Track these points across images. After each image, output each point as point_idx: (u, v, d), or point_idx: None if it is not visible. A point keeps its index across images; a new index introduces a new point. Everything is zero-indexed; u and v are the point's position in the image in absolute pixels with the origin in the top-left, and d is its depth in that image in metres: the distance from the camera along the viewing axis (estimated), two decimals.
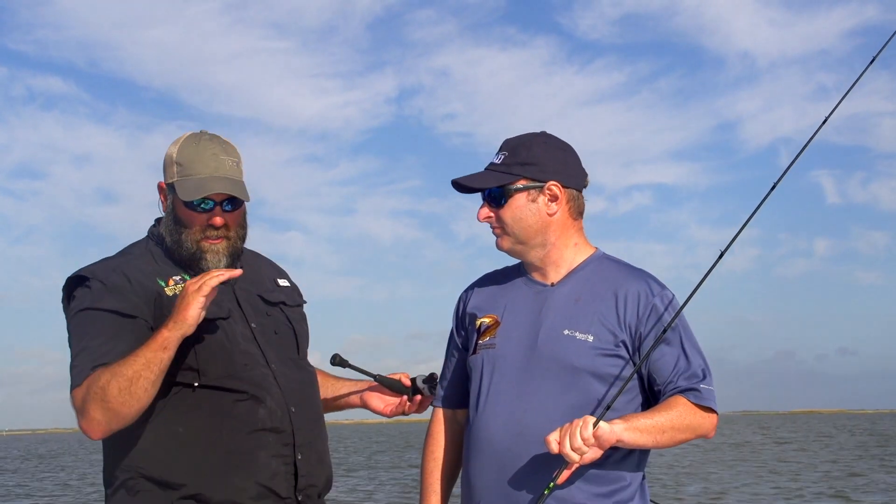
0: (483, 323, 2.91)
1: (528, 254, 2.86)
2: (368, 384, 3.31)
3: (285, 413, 2.85)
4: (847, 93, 3.04)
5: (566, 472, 2.61)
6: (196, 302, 2.63)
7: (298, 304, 3.16)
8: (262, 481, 2.79)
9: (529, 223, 2.81)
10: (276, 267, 3.22)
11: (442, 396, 3.04)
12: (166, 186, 2.93)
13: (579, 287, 2.83)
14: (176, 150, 2.91)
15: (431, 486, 2.99)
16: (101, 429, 2.69)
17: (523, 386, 2.77)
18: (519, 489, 2.71)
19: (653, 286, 2.80)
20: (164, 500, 2.77)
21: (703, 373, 2.74)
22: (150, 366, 2.61)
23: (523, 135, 2.89)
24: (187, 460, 2.77)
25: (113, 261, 2.91)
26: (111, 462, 2.88)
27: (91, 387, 2.64)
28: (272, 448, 2.82)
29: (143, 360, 2.61)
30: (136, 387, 2.61)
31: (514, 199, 2.81)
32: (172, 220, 2.90)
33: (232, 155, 2.94)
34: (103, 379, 2.62)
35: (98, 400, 2.62)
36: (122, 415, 2.64)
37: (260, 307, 2.99)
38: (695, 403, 2.69)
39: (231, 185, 2.87)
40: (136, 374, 2.60)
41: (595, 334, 2.74)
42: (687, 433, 2.69)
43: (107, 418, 2.65)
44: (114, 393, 2.60)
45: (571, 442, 2.53)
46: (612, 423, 2.57)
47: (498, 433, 2.76)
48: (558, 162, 2.84)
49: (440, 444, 3.01)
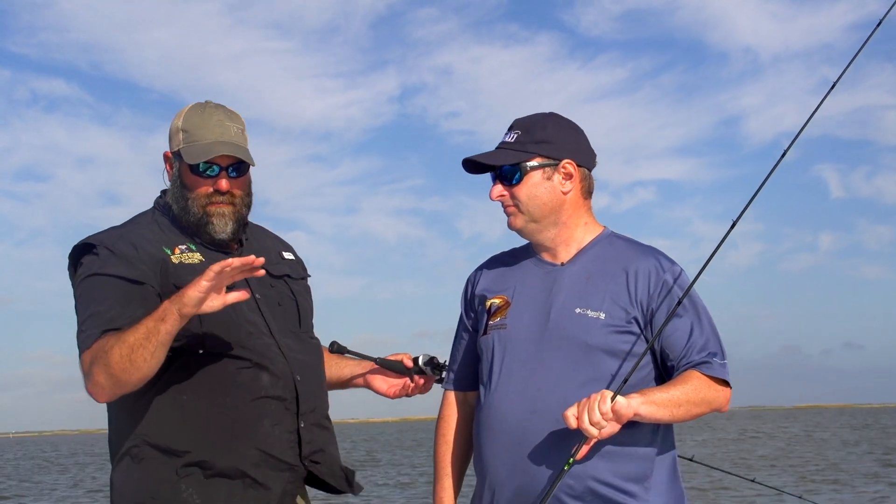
0: (493, 304, 2.91)
1: (541, 233, 2.86)
2: (371, 365, 3.31)
3: (290, 381, 2.88)
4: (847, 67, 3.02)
5: (585, 447, 2.61)
6: (198, 285, 2.58)
7: (303, 276, 3.18)
8: (266, 448, 2.82)
9: (544, 201, 2.82)
10: (280, 240, 3.24)
11: (452, 379, 3.05)
12: (172, 155, 2.95)
13: (589, 265, 2.84)
14: (181, 119, 2.94)
15: (444, 469, 3.00)
16: (104, 392, 2.70)
17: (536, 364, 2.77)
18: (533, 467, 2.71)
19: (663, 262, 2.81)
20: (168, 467, 2.79)
21: (716, 346, 2.75)
22: (150, 336, 2.59)
23: (535, 114, 2.90)
24: (191, 428, 2.79)
25: (119, 229, 2.93)
26: (116, 430, 2.91)
27: (98, 351, 2.65)
28: (275, 416, 2.84)
29: (144, 329, 2.60)
30: (136, 356, 2.60)
31: (530, 176, 2.81)
32: (179, 187, 2.92)
33: (237, 122, 2.97)
34: (108, 344, 2.63)
35: (102, 364, 2.63)
36: (124, 381, 2.64)
37: (264, 279, 2.98)
38: (709, 376, 2.70)
39: (236, 149, 2.89)
40: (137, 343, 2.59)
41: (607, 311, 2.75)
42: (702, 407, 2.69)
43: (110, 384, 2.65)
44: (115, 359, 2.60)
45: (590, 416, 2.53)
46: (628, 398, 2.57)
47: (511, 412, 2.76)
48: (572, 141, 2.86)
49: (452, 427, 3.02)
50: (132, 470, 2.84)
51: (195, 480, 2.79)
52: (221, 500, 2.80)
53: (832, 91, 2.99)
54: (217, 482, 2.80)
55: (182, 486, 2.79)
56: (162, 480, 2.80)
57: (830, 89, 2.97)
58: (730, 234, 2.83)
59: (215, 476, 2.80)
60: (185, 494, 2.78)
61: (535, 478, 2.71)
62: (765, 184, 2.86)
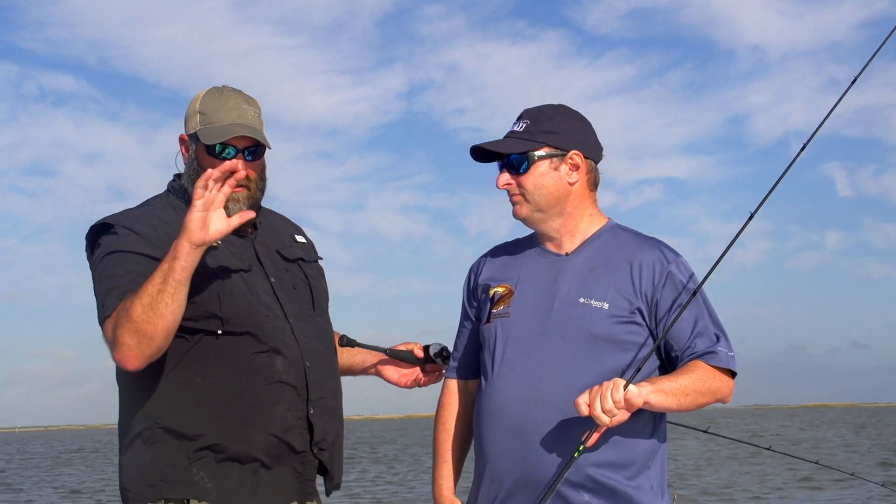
0: (497, 292, 2.92)
1: (546, 222, 2.88)
2: (383, 355, 3.33)
3: (300, 368, 2.88)
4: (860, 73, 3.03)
5: (595, 434, 2.63)
6: (193, 207, 2.61)
7: (315, 259, 3.20)
8: (278, 434, 2.83)
9: (550, 191, 2.84)
10: (292, 224, 3.25)
11: (454, 367, 3.06)
12: (188, 138, 2.97)
13: (594, 256, 2.86)
14: (198, 102, 2.96)
15: (443, 457, 3.02)
16: (133, 354, 2.64)
17: (538, 353, 2.79)
18: (535, 455, 2.73)
19: (667, 253, 2.84)
20: (180, 450, 2.79)
21: (720, 336, 2.77)
22: (167, 278, 2.59)
23: (543, 105, 2.92)
24: (204, 412, 2.79)
25: (135, 210, 2.95)
26: (128, 412, 2.90)
27: (119, 313, 2.63)
28: (288, 401, 2.85)
29: (160, 273, 2.60)
30: (158, 302, 2.58)
31: (537, 165, 2.84)
32: (195, 169, 2.91)
33: (254, 106, 2.99)
34: (127, 303, 2.61)
35: (125, 323, 2.60)
36: (150, 334, 2.60)
37: (278, 262, 3.01)
38: (714, 366, 2.73)
39: (253, 131, 2.92)
40: (155, 290, 2.58)
41: (610, 302, 2.77)
42: (707, 396, 2.72)
43: (136, 341, 2.61)
44: (138, 312, 2.58)
45: (602, 404, 2.55)
46: (639, 386, 2.59)
47: (513, 400, 2.78)
48: (580, 133, 2.88)
49: (452, 415, 3.03)
50: (143, 453, 2.83)
51: (207, 464, 2.79)
52: (233, 484, 2.80)
53: (840, 91, 2.98)
54: (229, 466, 2.80)
55: (193, 470, 2.79)
56: (173, 464, 2.79)
57: (848, 88, 2.97)
58: (739, 232, 2.84)
59: (227, 460, 2.80)
60: (197, 478, 2.79)
61: (537, 466, 2.72)
62: (781, 179, 2.86)
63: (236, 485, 2.81)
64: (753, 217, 2.82)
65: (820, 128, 2.94)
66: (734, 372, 2.78)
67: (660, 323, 2.77)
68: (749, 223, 2.84)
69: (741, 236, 2.84)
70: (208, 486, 2.79)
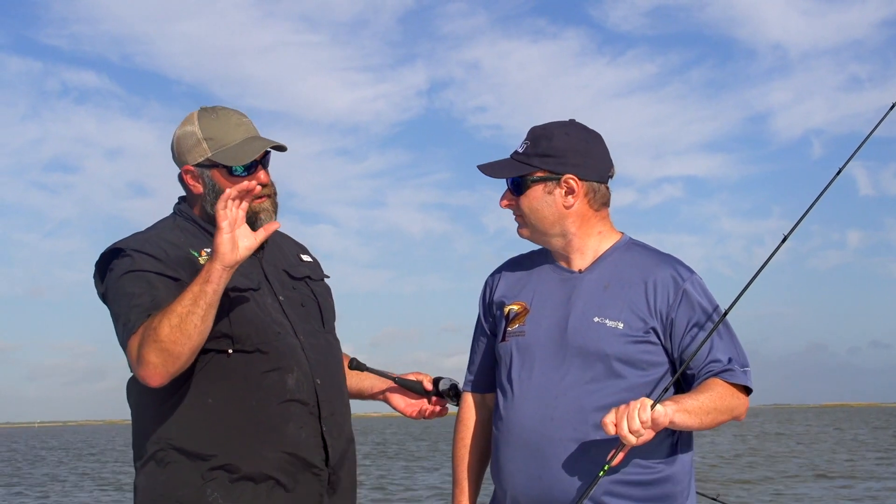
0: (512, 310, 2.92)
1: (549, 243, 2.89)
2: (395, 377, 3.31)
3: (311, 385, 2.87)
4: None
5: (621, 454, 2.62)
6: (220, 229, 2.62)
7: (321, 277, 3.19)
8: (291, 451, 2.81)
9: (545, 214, 2.83)
10: (297, 243, 3.26)
11: (471, 381, 3.06)
12: (195, 168, 2.93)
13: (607, 274, 2.84)
14: (197, 129, 2.92)
15: (463, 473, 3.01)
16: (158, 373, 2.63)
17: (553, 373, 2.78)
18: (550, 474, 2.72)
19: (682, 272, 2.82)
20: (193, 471, 2.78)
21: (737, 354, 2.76)
22: (198, 300, 2.59)
23: (549, 124, 2.89)
24: (217, 431, 2.78)
25: (143, 234, 2.93)
26: (141, 434, 2.89)
27: (145, 331, 2.62)
28: (300, 419, 2.84)
29: (191, 295, 2.60)
30: (187, 323, 2.58)
31: (532, 190, 2.84)
32: (219, 194, 2.83)
33: (247, 117, 3.00)
34: (155, 321, 2.60)
35: (152, 342, 2.59)
36: (176, 354, 2.60)
37: (286, 281, 3.02)
38: (731, 384, 2.72)
39: (271, 141, 2.94)
40: (186, 310, 2.58)
41: (625, 321, 2.76)
42: (726, 415, 2.71)
43: (162, 359, 2.60)
44: (166, 332, 2.57)
45: (630, 424, 2.53)
46: (664, 405, 2.58)
47: (529, 419, 2.77)
48: (578, 154, 2.83)
49: (470, 430, 3.03)
50: (157, 473, 2.83)
51: (221, 484, 2.78)
52: (247, 502, 2.79)
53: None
54: (243, 485, 2.79)
55: (208, 490, 2.78)
56: (187, 484, 2.79)
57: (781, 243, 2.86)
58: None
59: (241, 479, 2.79)
60: (211, 498, 2.78)
61: (553, 485, 2.72)
62: (820, 198, 2.83)
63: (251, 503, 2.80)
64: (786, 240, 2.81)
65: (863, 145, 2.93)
66: (750, 389, 2.77)
67: (675, 342, 2.76)
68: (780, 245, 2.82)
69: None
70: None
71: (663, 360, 2.76)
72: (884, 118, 2.94)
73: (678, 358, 2.76)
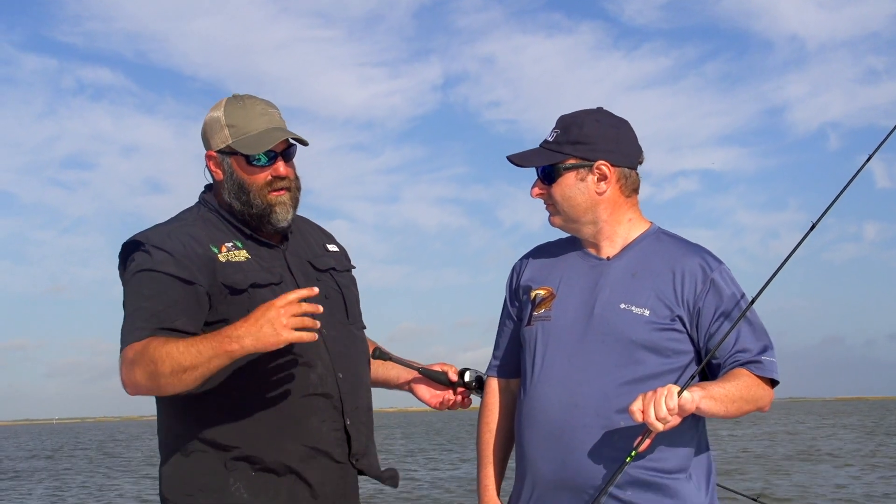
0: (538, 295, 2.91)
1: (580, 230, 2.88)
2: (420, 367, 3.30)
3: (333, 379, 2.88)
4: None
5: (648, 440, 2.62)
6: (283, 333, 2.54)
7: (347, 268, 3.18)
8: (314, 444, 2.83)
9: (578, 202, 2.83)
10: (324, 231, 3.24)
11: (496, 366, 3.05)
12: (217, 154, 2.93)
13: (635, 261, 2.84)
14: (222, 115, 2.92)
15: (488, 458, 3.01)
16: (138, 391, 2.69)
17: (578, 358, 2.77)
18: (575, 459, 2.72)
19: (710, 261, 2.81)
20: (217, 460, 2.81)
21: (764, 345, 2.75)
22: (209, 364, 2.59)
23: (578, 112, 2.89)
24: (241, 424, 2.80)
25: (166, 226, 2.92)
26: (166, 425, 2.93)
27: (146, 352, 2.62)
28: (323, 413, 2.85)
29: (205, 359, 2.58)
30: (188, 376, 2.60)
31: (564, 177, 2.83)
32: (237, 185, 2.90)
33: (276, 108, 2.99)
34: (158, 353, 2.59)
35: (148, 370, 2.60)
36: (165, 392, 2.66)
37: (310, 273, 3.01)
38: (758, 375, 2.71)
39: (291, 133, 2.92)
40: (193, 366, 2.58)
41: (651, 308, 2.75)
42: (751, 405, 2.70)
43: (148, 387, 2.66)
44: (165, 373, 2.59)
45: (657, 411, 2.53)
46: (690, 391, 2.57)
47: (553, 405, 2.77)
48: (609, 141, 2.84)
49: (495, 415, 3.03)
50: (181, 463, 2.86)
51: (243, 474, 2.80)
52: (269, 494, 2.81)
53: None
54: (265, 477, 2.81)
55: (231, 480, 2.80)
56: (211, 473, 2.81)
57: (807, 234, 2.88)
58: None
59: (263, 471, 2.81)
60: (234, 488, 2.80)
61: (578, 470, 2.72)
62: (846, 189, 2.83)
63: (272, 496, 2.81)
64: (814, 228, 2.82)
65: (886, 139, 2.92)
66: (775, 382, 2.76)
67: (702, 331, 2.76)
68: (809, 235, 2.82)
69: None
70: (245, 496, 2.80)
71: (688, 348, 2.76)
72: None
73: (704, 347, 2.76)
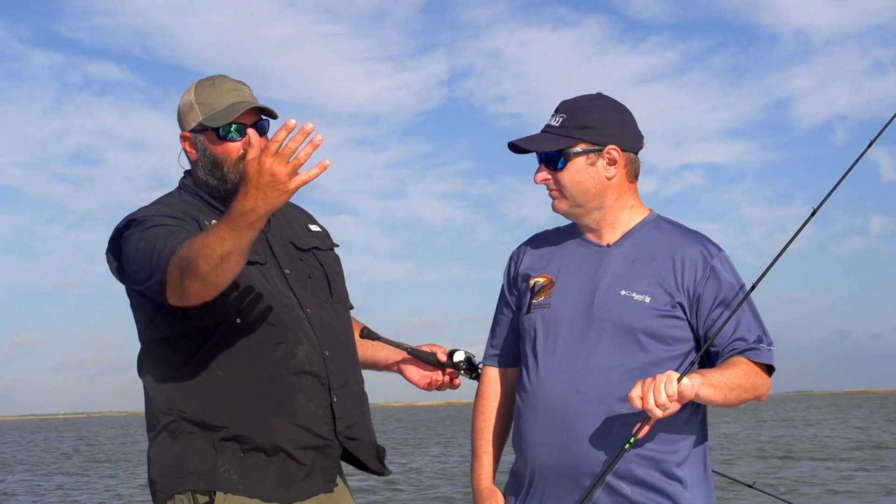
0: (537, 282, 2.90)
1: (585, 216, 2.86)
2: (409, 348, 3.30)
3: (320, 357, 2.87)
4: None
5: (647, 427, 2.61)
6: (290, 185, 2.36)
7: (330, 247, 3.18)
8: (302, 423, 2.82)
9: (587, 186, 2.81)
10: (305, 213, 3.24)
11: (493, 355, 3.03)
12: (190, 134, 2.93)
13: (636, 248, 2.83)
14: (192, 95, 2.94)
15: (483, 447, 2.99)
16: (200, 298, 2.56)
17: (580, 345, 2.76)
18: (576, 446, 2.71)
19: (710, 248, 2.81)
20: (205, 441, 2.79)
21: (762, 334, 2.75)
22: (241, 242, 2.44)
23: (580, 97, 2.88)
24: (228, 403, 2.78)
25: (152, 205, 2.91)
26: (153, 406, 2.90)
27: (182, 258, 2.49)
28: (310, 391, 2.84)
29: (233, 240, 2.42)
30: (228, 263, 2.46)
31: (573, 162, 2.80)
32: (210, 162, 2.90)
33: (247, 86, 2.99)
34: (193, 251, 2.46)
35: (182, 265, 2.48)
36: (219, 284, 2.52)
37: (293, 253, 3.00)
38: (756, 362, 2.71)
39: (258, 103, 2.91)
40: (227, 253, 2.43)
41: (652, 295, 2.74)
42: (749, 393, 2.69)
43: (206, 287, 2.51)
44: (207, 269, 2.45)
45: (656, 398, 2.52)
46: (689, 378, 2.56)
47: (555, 391, 2.75)
48: (616, 125, 2.83)
49: (492, 404, 3.01)
50: (169, 445, 2.84)
51: (232, 456, 2.79)
52: (258, 475, 2.80)
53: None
54: (254, 457, 2.80)
55: (219, 461, 2.78)
56: (199, 455, 2.80)
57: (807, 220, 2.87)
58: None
59: (252, 451, 2.80)
60: (223, 469, 2.78)
61: (579, 456, 2.71)
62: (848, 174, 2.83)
63: (262, 476, 2.80)
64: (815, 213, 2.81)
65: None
66: (773, 369, 2.76)
67: (701, 318, 2.75)
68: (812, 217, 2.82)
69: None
70: (234, 477, 2.78)
71: (688, 335, 2.76)
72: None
73: (703, 334, 2.76)
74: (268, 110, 2.93)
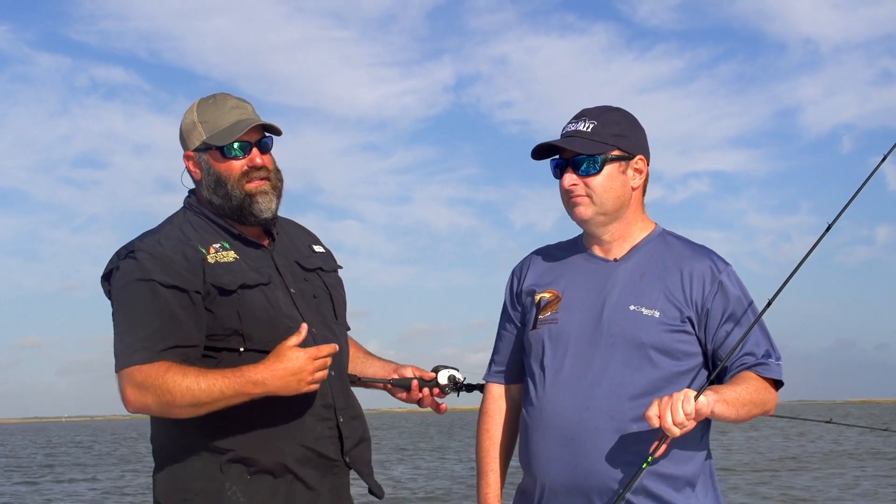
0: (543, 298, 2.87)
1: (606, 225, 2.83)
2: (394, 367, 3.24)
3: (325, 378, 2.83)
4: None
5: (664, 446, 2.60)
6: (306, 388, 2.71)
7: (334, 269, 3.17)
8: (309, 444, 2.81)
9: (617, 194, 2.80)
10: (309, 233, 3.23)
11: (496, 372, 3.01)
12: (194, 153, 2.93)
13: (643, 263, 2.82)
14: (195, 114, 2.94)
15: (489, 465, 2.97)
16: (144, 412, 2.74)
17: (589, 361, 2.74)
18: (587, 463, 2.69)
19: (718, 263, 2.80)
20: (212, 464, 2.78)
21: (770, 348, 2.75)
22: (228, 402, 2.68)
23: (603, 106, 2.86)
24: (234, 425, 2.77)
25: (154, 234, 2.89)
26: (160, 429, 2.89)
27: (163, 383, 2.66)
28: (317, 412, 2.83)
29: (225, 398, 2.67)
30: (204, 409, 2.68)
31: (608, 168, 2.78)
32: (214, 180, 2.91)
33: (249, 103, 2.99)
34: (179, 388, 2.65)
35: (164, 400, 2.67)
36: (173, 417, 2.73)
37: (298, 273, 3.00)
38: (765, 377, 2.71)
39: (261, 121, 2.91)
40: (211, 402, 2.67)
41: (661, 310, 2.73)
42: (758, 408, 2.70)
43: (158, 412, 2.73)
44: (182, 405, 2.66)
45: (674, 416, 2.50)
46: (706, 395, 2.55)
47: (565, 407, 2.73)
48: (642, 137, 2.86)
49: (496, 421, 2.98)
50: (175, 468, 2.83)
51: (239, 478, 2.78)
52: (266, 497, 2.78)
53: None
54: (261, 479, 2.78)
55: (227, 484, 2.77)
56: (206, 478, 2.78)
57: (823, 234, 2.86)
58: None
59: (259, 473, 2.78)
60: (230, 492, 2.77)
61: (590, 473, 2.69)
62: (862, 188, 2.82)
63: (269, 498, 2.79)
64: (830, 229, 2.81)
65: None
66: (780, 383, 2.76)
67: (709, 333, 2.75)
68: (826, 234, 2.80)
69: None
70: (241, 499, 2.77)
71: (697, 350, 2.75)
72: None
73: (711, 349, 2.75)
74: (271, 127, 2.93)
